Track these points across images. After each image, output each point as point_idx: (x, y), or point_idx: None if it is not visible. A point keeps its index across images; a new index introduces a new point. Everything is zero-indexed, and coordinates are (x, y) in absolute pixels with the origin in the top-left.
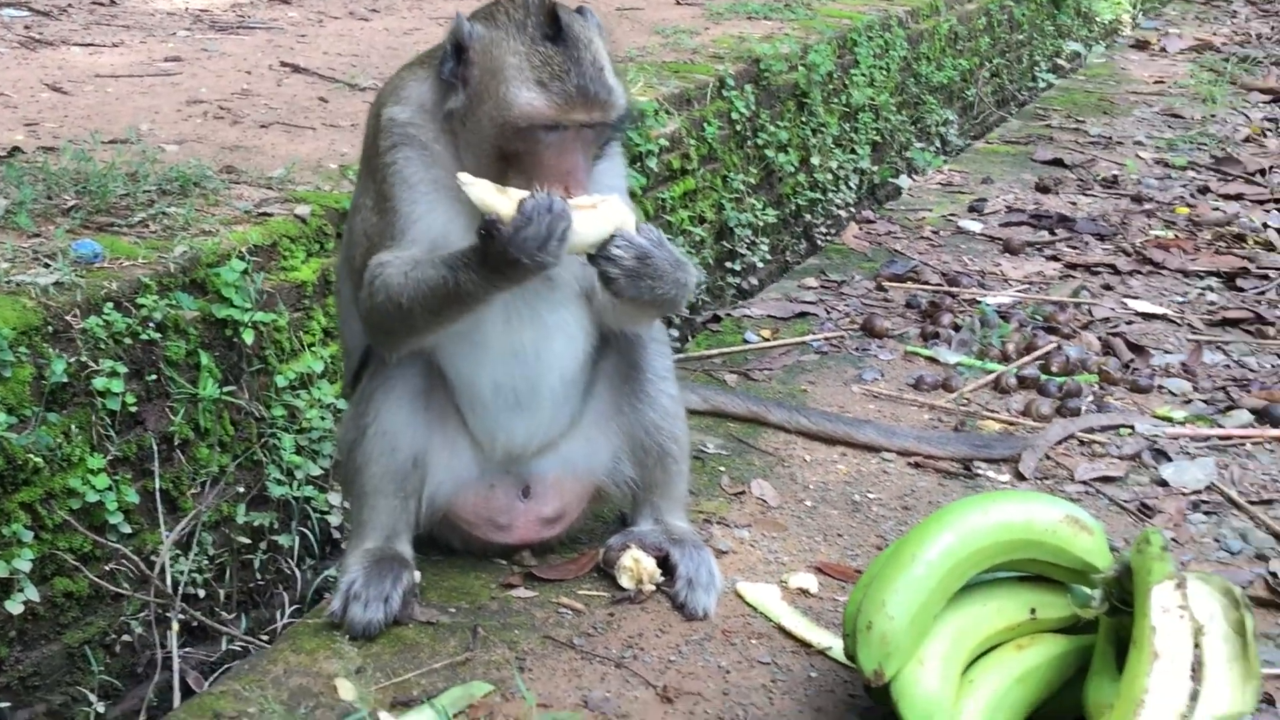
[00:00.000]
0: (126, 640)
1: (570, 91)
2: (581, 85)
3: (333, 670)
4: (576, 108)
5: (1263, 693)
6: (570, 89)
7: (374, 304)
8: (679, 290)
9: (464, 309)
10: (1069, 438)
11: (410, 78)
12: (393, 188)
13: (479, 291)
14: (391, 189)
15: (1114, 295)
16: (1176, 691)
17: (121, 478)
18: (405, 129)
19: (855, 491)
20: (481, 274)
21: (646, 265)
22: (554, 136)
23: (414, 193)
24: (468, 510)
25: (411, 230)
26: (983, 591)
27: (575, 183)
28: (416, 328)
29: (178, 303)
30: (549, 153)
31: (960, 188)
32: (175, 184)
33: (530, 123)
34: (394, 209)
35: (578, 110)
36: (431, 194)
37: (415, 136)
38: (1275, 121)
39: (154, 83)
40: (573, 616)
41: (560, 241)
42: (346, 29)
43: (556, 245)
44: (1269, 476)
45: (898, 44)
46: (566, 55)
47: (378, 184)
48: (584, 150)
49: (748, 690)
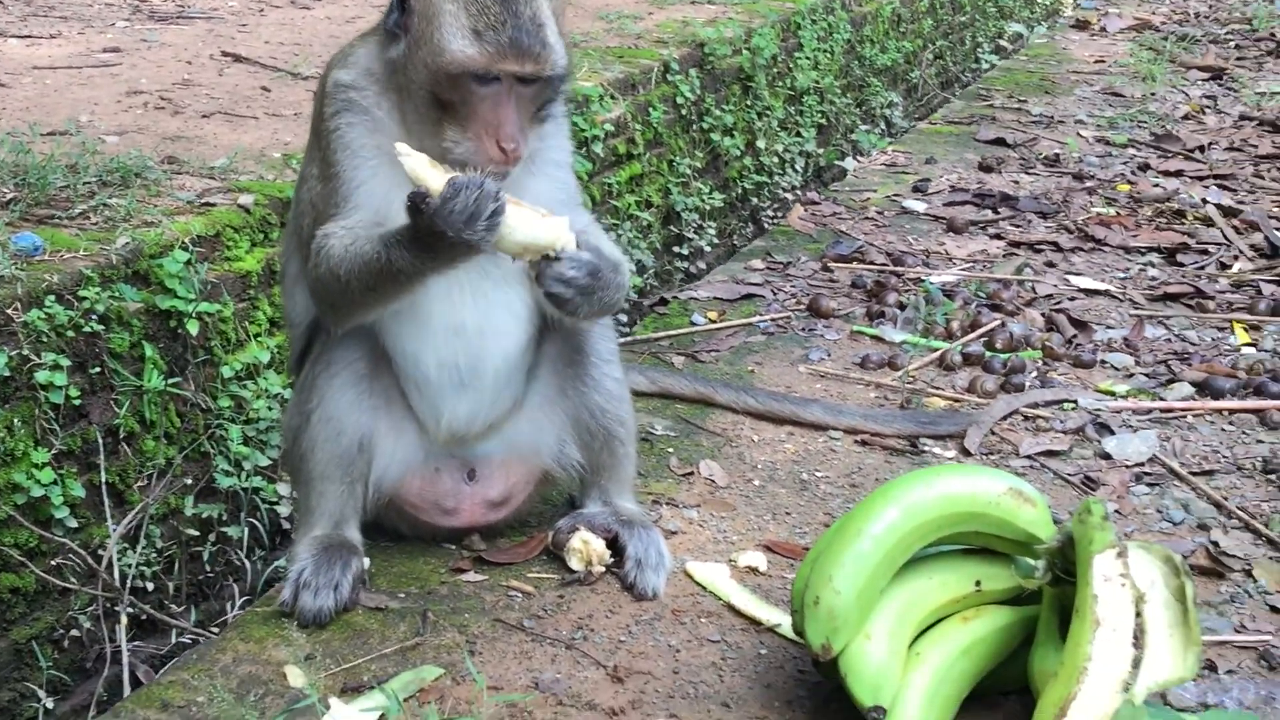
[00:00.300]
0: (75, 635)
1: (504, 42)
2: (515, 37)
3: (282, 658)
4: (509, 58)
5: (1204, 659)
6: (504, 39)
7: (318, 275)
8: (620, 292)
9: (399, 287)
10: (1013, 413)
11: (359, 45)
12: (336, 154)
13: (411, 270)
14: (335, 155)
15: (1057, 272)
16: (1119, 658)
17: (67, 471)
18: (349, 93)
19: (803, 470)
20: (413, 252)
21: (596, 280)
22: (488, 89)
23: (357, 159)
24: (414, 494)
25: (355, 196)
26: (928, 565)
27: (506, 136)
28: (356, 302)
29: (120, 294)
30: (483, 105)
31: (904, 168)
32: (116, 175)
33: (462, 69)
34: (337, 175)
35: (510, 61)
36: (374, 160)
37: (359, 102)
38: (1213, 99)
39: (93, 74)
40: (523, 599)
41: (489, 222)
42: (288, 18)
43: (484, 225)
44: (1209, 448)
45: (841, 27)
46: (504, 6)
47: (323, 151)
48: (519, 107)
49: (698, 668)
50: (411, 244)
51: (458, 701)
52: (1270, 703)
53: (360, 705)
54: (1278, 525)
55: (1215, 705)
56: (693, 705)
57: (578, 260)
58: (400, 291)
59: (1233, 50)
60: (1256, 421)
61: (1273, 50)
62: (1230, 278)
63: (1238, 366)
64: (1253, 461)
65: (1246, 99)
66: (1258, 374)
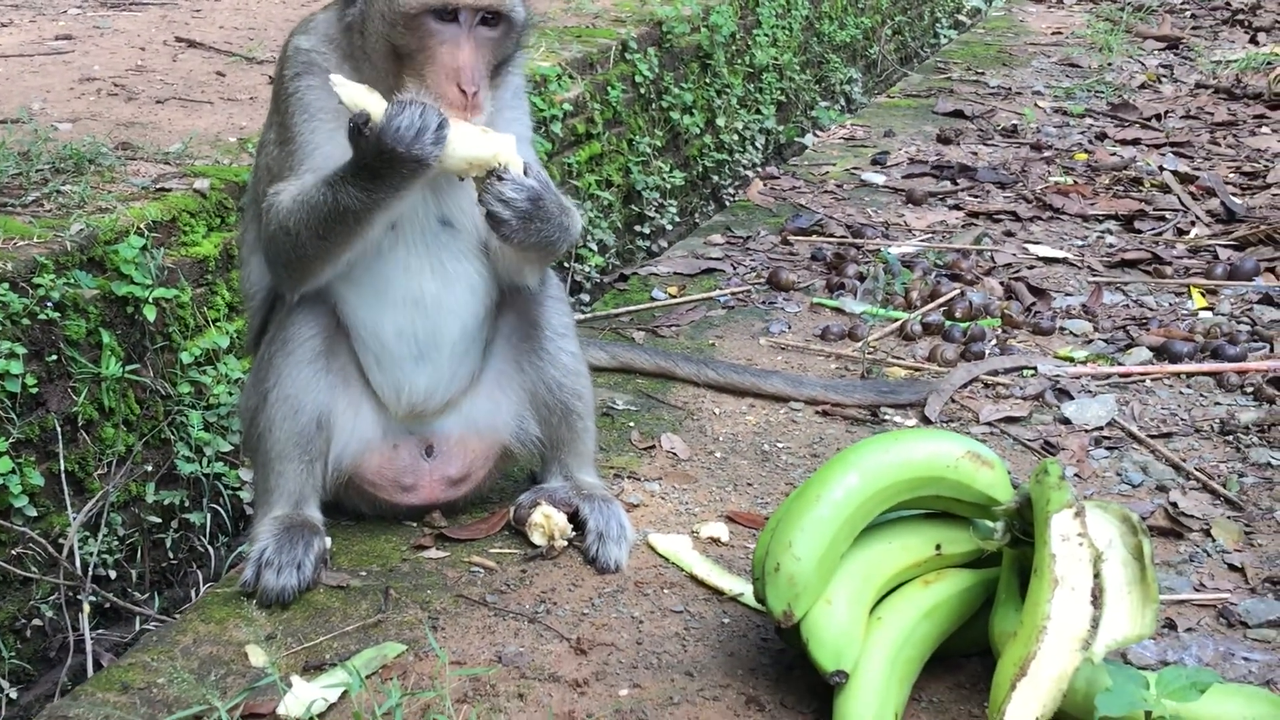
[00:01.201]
0: (37, 624)
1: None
2: None
3: (243, 638)
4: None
5: (1163, 617)
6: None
7: (269, 234)
8: (563, 235)
9: (348, 229)
10: (973, 381)
11: (320, 14)
12: (293, 117)
13: (359, 205)
14: (292, 118)
15: (1015, 241)
16: (1077, 617)
17: (25, 460)
18: (309, 56)
19: (764, 441)
20: (358, 184)
21: (537, 207)
22: (447, 30)
23: (314, 121)
24: (372, 472)
25: (310, 159)
26: (888, 530)
27: (466, 79)
28: (308, 255)
29: (76, 281)
30: (442, 49)
31: (863, 141)
32: (69, 162)
33: (421, 6)
34: (294, 138)
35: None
36: (331, 123)
37: (318, 64)
38: (1170, 68)
39: (45, 61)
40: (485, 575)
41: (436, 135)
42: (243, 3)
43: (432, 138)
44: (1168, 411)
45: (800, 4)
46: None
47: (281, 115)
48: (478, 49)
49: (661, 639)
50: (356, 175)
51: (420, 677)
52: (1229, 659)
53: (322, 683)
54: (1235, 485)
55: (1175, 663)
56: (656, 675)
57: (520, 183)
58: (349, 236)
59: (1189, 20)
60: (1214, 384)
61: (1228, 19)
62: (1187, 243)
63: (1195, 330)
64: (1210, 424)
65: (1202, 67)
66: (1214, 337)
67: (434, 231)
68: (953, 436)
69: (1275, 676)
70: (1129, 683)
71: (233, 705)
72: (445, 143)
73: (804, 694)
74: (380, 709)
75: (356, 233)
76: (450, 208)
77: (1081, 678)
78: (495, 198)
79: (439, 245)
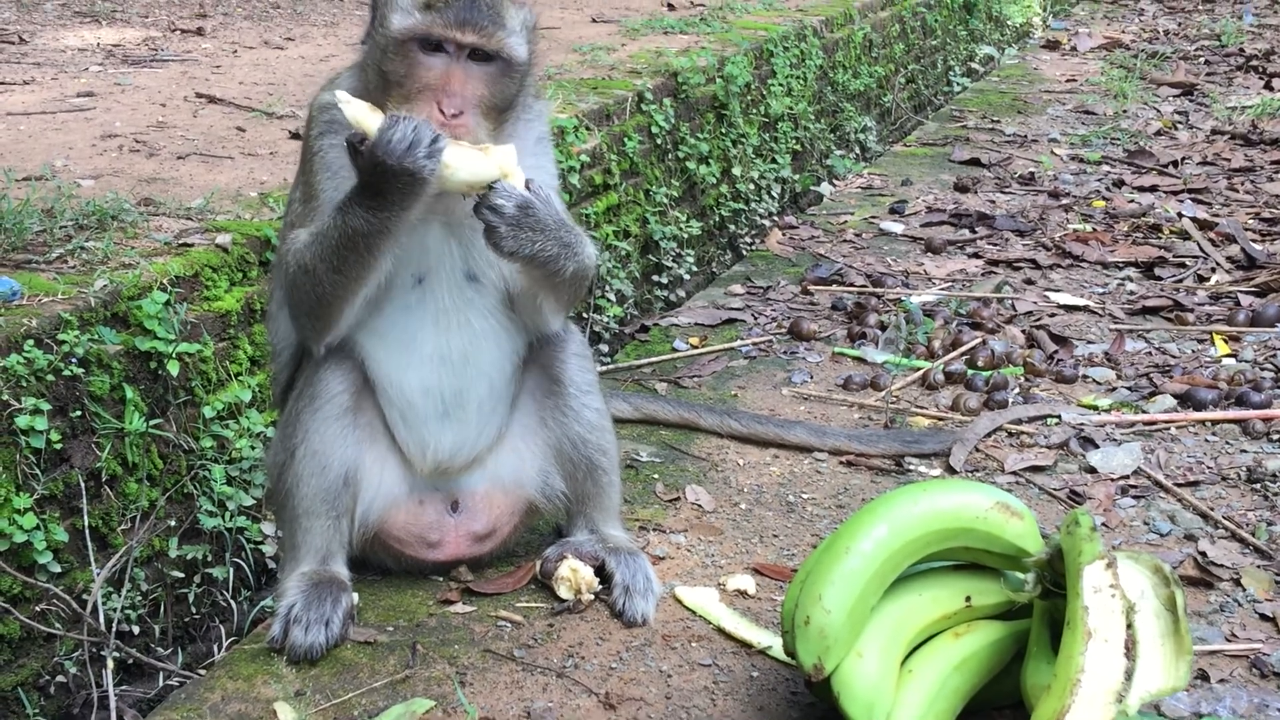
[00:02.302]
0: (61, 681)
1: (450, 10)
2: (465, 9)
3: (271, 695)
4: (451, 26)
5: (1196, 668)
6: (453, 11)
7: (290, 279)
8: (565, 253)
9: (360, 258)
10: (997, 430)
11: (345, 70)
12: (316, 174)
13: (366, 227)
14: (315, 175)
15: (1036, 289)
16: (1111, 669)
17: (49, 516)
18: (331, 113)
19: (789, 492)
20: (364, 204)
21: (528, 215)
22: (435, 61)
23: (336, 179)
24: (398, 528)
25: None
26: (918, 581)
27: (447, 98)
28: (326, 294)
29: (100, 337)
30: (430, 74)
31: (880, 190)
32: (93, 218)
33: (407, 35)
34: (316, 194)
35: (453, 28)
36: (350, 180)
37: (339, 121)
38: (1185, 114)
39: (67, 119)
40: (512, 629)
41: (430, 149)
42: (262, 58)
43: (425, 151)
44: (1193, 459)
45: (813, 53)
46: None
47: (305, 174)
48: (466, 80)
49: (690, 693)
50: (361, 195)
51: None
52: (1263, 710)
53: None
54: (1264, 534)
55: (1209, 714)
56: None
57: (509, 191)
58: (362, 265)
59: (1203, 66)
60: (1239, 431)
61: (1242, 65)
62: (1208, 290)
63: (1218, 377)
64: (1237, 471)
65: (1218, 113)
66: (1238, 384)
67: (460, 286)
68: (981, 487)
69: None
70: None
71: None
72: (439, 158)
73: None
74: None
75: (369, 262)
76: (477, 262)
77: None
78: (486, 205)
79: (465, 301)
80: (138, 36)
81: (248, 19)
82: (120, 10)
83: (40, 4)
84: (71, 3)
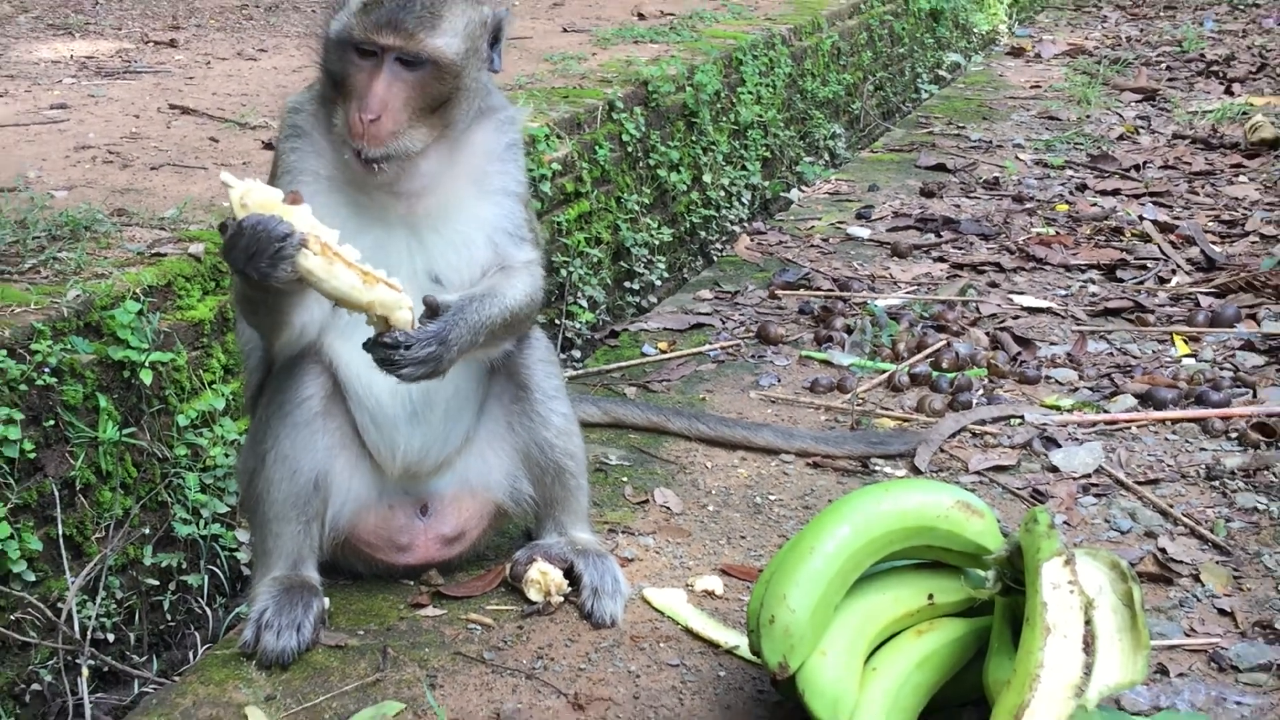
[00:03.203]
0: (36, 689)
1: (381, 14)
2: (393, 11)
3: (242, 699)
4: (382, 31)
5: (1155, 662)
6: (382, 12)
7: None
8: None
9: (268, 315)
10: (961, 431)
11: (316, 79)
12: (279, 177)
13: (255, 296)
14: (278, 179)
15: (999, 292)
16: (1070, 664)
17: (23, 525)
18: (296, 118)
19: (756, 494)
20: (243, 279)
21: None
22: (366, 64)
23: (298, 181)
24: (369, 532)
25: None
26: (881, 580)
27: (367, 106)
28: (260, 328)
29: (73, 347)
30: (359, 78)
31: (848, 196)
32: (65, 229)
33: (341, 38)
34: None
35: (374, 31)
36: (314, 184)
37: (302, 127)
38: (1147, 119)
39: (40, 130)
40: (482, 632)
41: (271, 260)
42: (235, 69)
43: (266, 263)
44: (1154, 457)
45: (782, 61)
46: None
47: (271, 178)
48: (392, 84)
49: (658, 693)
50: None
51: None
52: (1221, 703)
53: None
54: (1223, 530)
55: (1167, 708)
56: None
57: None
58: (272, 320)
59: (1164, 72)
60: (1199, 430)
61: (1202, 71)
62: (1168, 291)
63: (1178, 377)
64: (1196, 469)
65: (1179, 118)
66: (1198, 384)
67: (424, 288)
68: (943, 487)
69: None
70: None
71: None
72: (289, 264)
73: None
74: None
75: (277, 320)
76: (439, 264)
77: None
78: (377, 358)
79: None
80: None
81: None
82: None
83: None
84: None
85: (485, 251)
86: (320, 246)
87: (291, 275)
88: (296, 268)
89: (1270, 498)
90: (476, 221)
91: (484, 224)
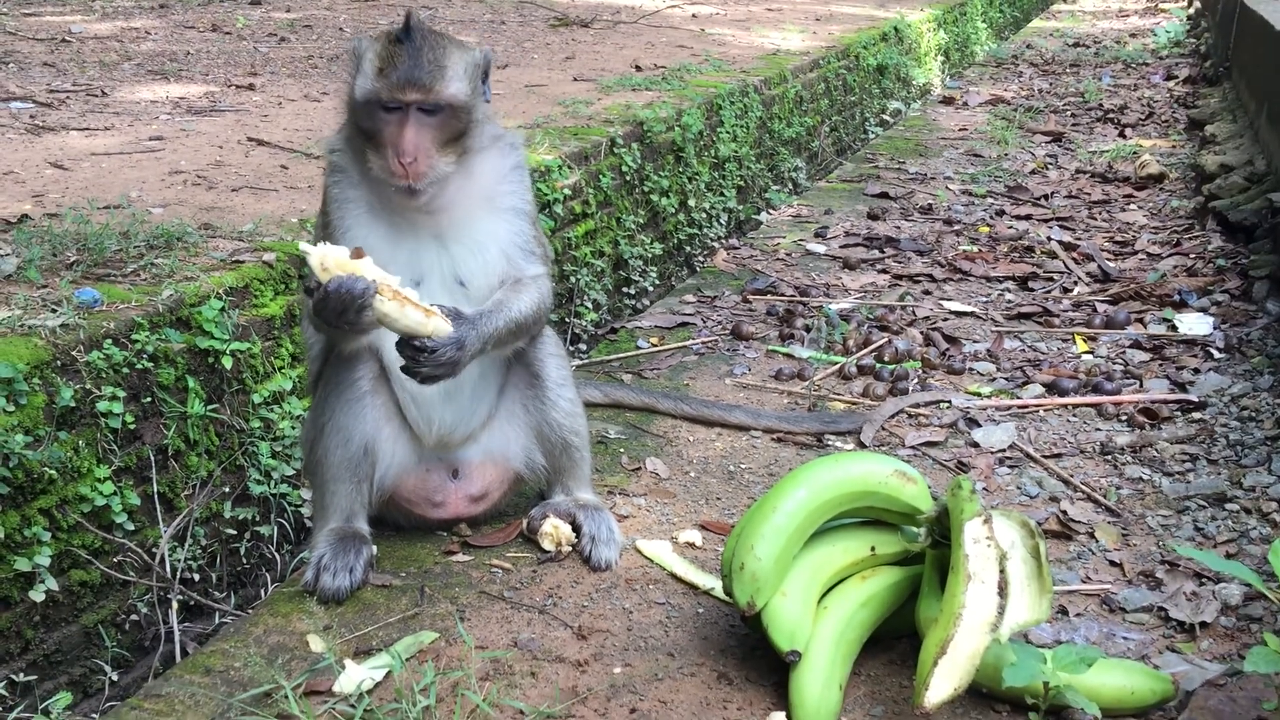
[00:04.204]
0: (134, 620)
1: (399, 75)
2: (407, 70)
3: (304, 628)
4: (401, 88)
5: (1056, 605)
6: (400, 73)
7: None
8: (514, 338)
9: (335, 340)
10: (899, 413)
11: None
12: (328, 205)
13: (330, 335)
14: (328, 207)
15: (932, 298)
16: (987, 605)
17: (124, 484)
18: (334, 158)
19: (730, 464)
20: (321, 324)
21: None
22: (393, 117)
23: (344, 209)
24: (409, 491)
25: (342, 241)
26: (832, 534)
27: (404, 153)
28: (330, 338)
29: (167, 337)
30: (389, 129)
31: (807, 218)
32: (161, 240)
33: (366, 98)
34: (331, 223)
35: (405, 91)
36: (356, 210)
37: (339, 164)
38: (1055, 157)
39: (141, 158)
40: (503, 575)
41: (357, 313)
42: (303, 109)
43: (352, 318)
44: (1058, 436)
45: (754, 106)
46: (407, 49)
47: (323, 208)
48: (419, 130)
49: (647, 626)
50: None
51: (451, 660)
52: (1111, 638)
53: (370, 665)
54: (1114, 496)
55: (1067, 642)
56: (644, 656)
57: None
58: (342, 340)
59: (1069, 118)
60: (1095, 414)
61: (1101, 117)
62: (1071, 299)
63: (1078, 370)
64: (1092, 446)
65: (1081, 156)
66: (1094, 375)
67: (451, 289)
68: (883, 458)
69: (1149, 652)
70: (1030, 658)
71: (296, 684)
72: (369, 311)
73: (765, 670)
74: (418, 686)
75: (350, 341)
76: (463, 269)
77: (991, 655)
78: (409, 361)
79: (457, 303)
80: (200, 91)
81: (290, 76)
82: (185, 70)
83: (119, 64)
84: (145, 63)
85: (499, 262)
86: (391, 293)
87: (372, 320)
88: (375, 313)
89: (1153, 470)
90: (491, 236)
91: (497, 239)
